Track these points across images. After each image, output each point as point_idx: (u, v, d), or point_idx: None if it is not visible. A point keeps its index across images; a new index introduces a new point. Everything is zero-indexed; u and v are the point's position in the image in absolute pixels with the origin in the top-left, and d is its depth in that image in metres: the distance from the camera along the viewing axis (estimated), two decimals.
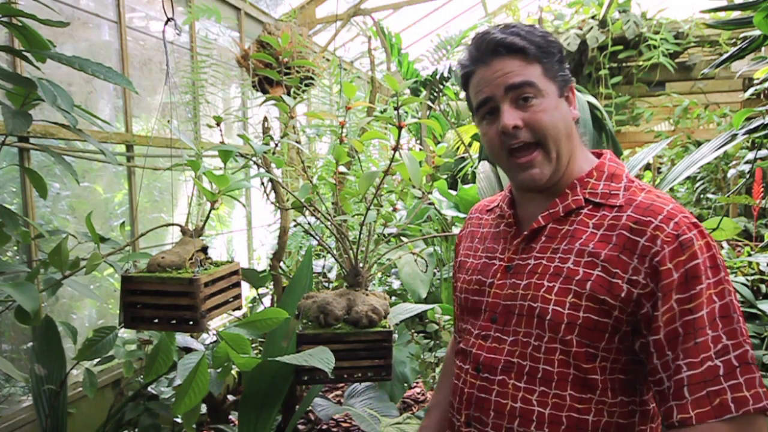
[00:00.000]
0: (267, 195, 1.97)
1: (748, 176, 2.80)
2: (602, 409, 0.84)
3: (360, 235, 1.57)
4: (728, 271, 0.96)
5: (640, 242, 0.81)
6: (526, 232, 0.94)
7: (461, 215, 3.06)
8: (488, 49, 0.89)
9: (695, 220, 0.82)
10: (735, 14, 2.90)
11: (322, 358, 1.36)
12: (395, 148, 1.43)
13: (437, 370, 2.86)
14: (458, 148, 5.40)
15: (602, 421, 0.84)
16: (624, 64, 5.24)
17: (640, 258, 0.80)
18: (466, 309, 1.02)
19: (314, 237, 1.77)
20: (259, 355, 2.11)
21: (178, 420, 2.19)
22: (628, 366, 0.85)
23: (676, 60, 4.99)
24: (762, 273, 1.89)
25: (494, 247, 1.01)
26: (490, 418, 0.90)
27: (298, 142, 1.95)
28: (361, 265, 1.61)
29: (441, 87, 5.26)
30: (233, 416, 2.55)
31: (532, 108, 0.87)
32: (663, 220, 0.81)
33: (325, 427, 2.84)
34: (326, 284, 3.14)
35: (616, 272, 0.82)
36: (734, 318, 0.77)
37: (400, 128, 1.37)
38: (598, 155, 0.98)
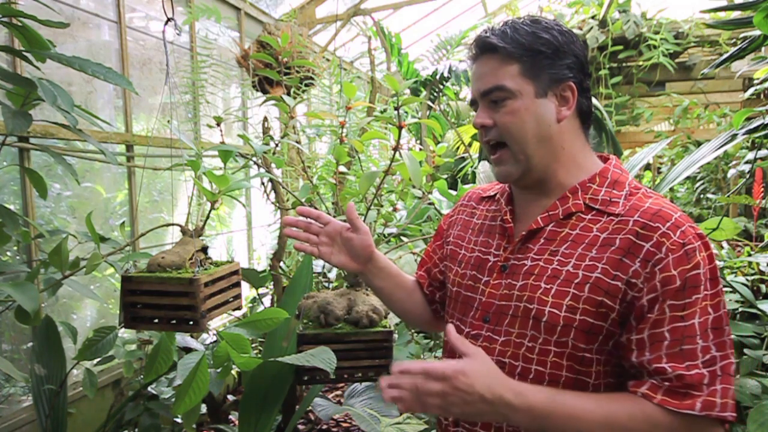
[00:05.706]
0: (267, 195, 1.97)
1: (748, 176, 2.79)
2: None
3: None
4: (722, 280, 0.97)
5: (645, 247, 0.81)
6: (524, 233, 0.93)
7: None
8: (476, 47, 0.95)
9: (701, 231, 0.84)
10: (735, 14, 2.90)
11: (323, 358, 1.36)
12: (395, 148, 1.43)
13: None
14: (458, 148, 5.41)
15: None
16: (624, 64, 5.24)
17: (643, 262, 0.81)
18: (458, 302, 1.01)
19: None
20: (260, 355, 2.11)
21: (178, 420, 2.19)
22: (619, 369, 0.86)
23: (676, 60, 4.98)
24: (762, 273, 1.89)
25: (488, 241, 1.00)
26: None
27: (298, 142, 1.95)
28: None
29: (441, 87, 5.26)
30: (233, 416, 2.55)
31: (502, 109, 0.91)
32: (670, 227, 0.81)
33: (325, 427, 2.84)
34: (326, 284, 3.13)
35: (617, 274, 0.82)
36: (725, 331, 0.80)
37: (400, 128, 1.37)
38: (604, 159, 0.97)
